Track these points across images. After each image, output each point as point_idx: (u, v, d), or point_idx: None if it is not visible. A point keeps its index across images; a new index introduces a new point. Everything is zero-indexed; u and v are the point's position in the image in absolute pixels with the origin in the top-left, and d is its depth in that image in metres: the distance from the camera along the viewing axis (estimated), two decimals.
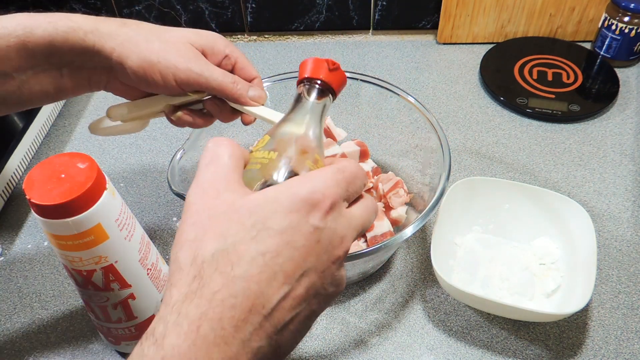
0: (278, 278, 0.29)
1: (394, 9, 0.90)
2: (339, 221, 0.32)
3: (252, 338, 0.28)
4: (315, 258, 0.30)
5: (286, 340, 0.30)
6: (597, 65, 0.84)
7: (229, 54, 0.49)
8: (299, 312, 0.30)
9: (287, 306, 0.29)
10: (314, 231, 0.30)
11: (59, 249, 0.48)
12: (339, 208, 0.32)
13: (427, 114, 0.60)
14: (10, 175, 0.68)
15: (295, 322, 0.30)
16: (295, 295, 0.30)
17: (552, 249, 0.59)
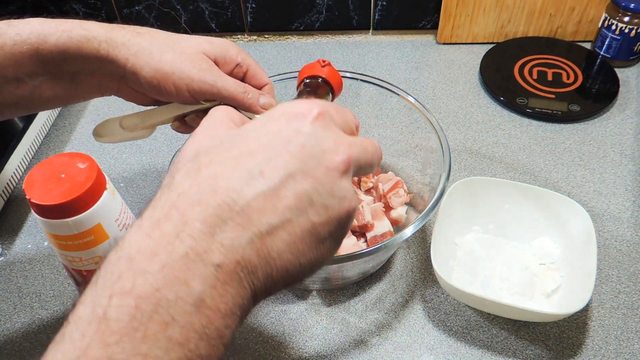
0: (254, 177, 0.28)
1: (394, 9, 0.90)
2: (329, 131, 0.30)
3: (224, 234, 0.26)
4: (301, 161, 0.29)
5: (278, 249, 0.28)
6: (597, 65, 0.84)
7: (240, 62, 0.49)
8: (291, 219, 0.28)
9: (270, 206, 0.27)
10: (298, 134, 0.29)
11: (59, 249, 0.48)
12: (328, 120, 0.31)
13: (427, 114, 0.60)
14: (10, 175, 0.68)
15: (290, 231, 0.28)
16: (280, 196, 0.28)
17: (552, 249, 0.59)
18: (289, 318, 0.57)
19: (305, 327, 0.56)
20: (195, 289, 0.25)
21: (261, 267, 0.27)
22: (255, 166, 0.28)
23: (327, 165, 0.29)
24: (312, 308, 0.57)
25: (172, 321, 0.24)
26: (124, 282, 0.25)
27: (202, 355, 0.25)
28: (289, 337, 0.55)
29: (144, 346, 0.24)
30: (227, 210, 0.27)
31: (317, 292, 0.59)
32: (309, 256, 0.29)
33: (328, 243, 0.30)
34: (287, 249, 0.28)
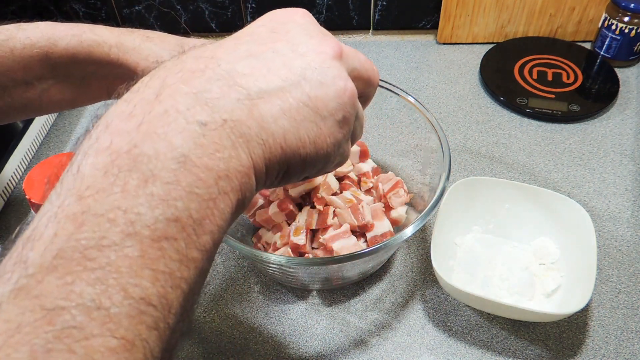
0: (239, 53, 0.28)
1: (394, 9, 0.90)
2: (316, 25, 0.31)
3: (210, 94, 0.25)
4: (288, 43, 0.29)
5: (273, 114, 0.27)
6: (597, 65, 0.84)
7: None
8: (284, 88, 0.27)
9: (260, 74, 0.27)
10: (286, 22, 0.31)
11: None
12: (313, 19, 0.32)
13: (427, 114, 0.60)
14: (10, 175, 0.68)
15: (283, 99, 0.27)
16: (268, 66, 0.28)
17: (552, 249, 0.59)
18: (289, 318, 0.57)
19: (305, 327, 0.56)
20: (176, 145, 0.24)
21: (255, 132, 0.26)
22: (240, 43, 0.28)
23: (317, 50, 0.29)
24: (312, 308, 0.57)
25: (153, 177, 0.23)
26: (101, 142, 0.24)
27: (192, 216, 0.23)
28: (289, 337, 0.55)
29: (124, 202, 0.22)
30: (210, 73, 0.26)
31: (317, 292, 0.59)
32: (310, 129, 0.28)
33: (329, 122, 0.29)
34: (283, 115, 0.27)
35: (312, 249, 0.57)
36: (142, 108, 0.24)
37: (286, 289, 0.59)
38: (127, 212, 0.22)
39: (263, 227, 0.60)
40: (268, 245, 0.58)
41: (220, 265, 0.61)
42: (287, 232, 0.56)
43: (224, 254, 0.63)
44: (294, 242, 0.54)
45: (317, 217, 0.56)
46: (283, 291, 0.59)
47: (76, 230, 0.21)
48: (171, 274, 0.22)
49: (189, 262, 0.23)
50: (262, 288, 0.59)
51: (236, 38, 0.30)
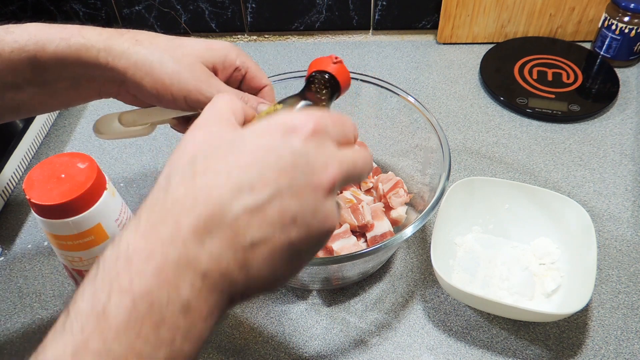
0: (243, 191, 0.29)
1: (394, 9, 0.90)
2: (321, 149, 0.31)
3: (212, 244, 0.28)
4: (289, 179, 0.30)
5: (258, 263, 0.29)
6: (597, 65, 0.84)
7: (239, 66, 0.48)
8: (273, 236, 0.29)
9: (256, 222, 0.29)
10: (290, 152, 0.30)
11: (59, 249, 0.48)
12: (322, 137, 0.31)
13: (427, 114, 0.60)
14: (10, 175, 0.68)
15: (270, 247, 0.29)
16: (265, 213, 0.29)
17: (552, 249, 0.59)
18: (289, 318, 0.57)
19: (305, 327, 0.56)
20: (183, 293, 0.27)
21: (240, 279, 0.29)
22: (247, 180, 0.29)
23: (314, 185, 0.30)
24: (312, 308, 0.57)
25: (162, 322, 0.26)
26: (122, 280, 0.27)
27: (184, 352, 0.27)
28: (289, 337, 0.55)
29: (138, 343, 0.26)
30: (217, 221, 0.28)
31: (317, 292, 0.59)
32: (284, 270, 0.31)
33: (304, 257, 0.32)
34: (266, 265, 0.30)
35: None
36: (159, 251, 0.27)
37: (286, 289, 0.59)
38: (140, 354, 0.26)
39: None
40: None
41: None
42: None
43: None
44: None
45: None
46: (283, 291, 0.59)
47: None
48: None
49: None
50: None
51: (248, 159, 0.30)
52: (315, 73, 0.45)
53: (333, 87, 0.45)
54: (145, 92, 0.45)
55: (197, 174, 0.29)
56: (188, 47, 0.47)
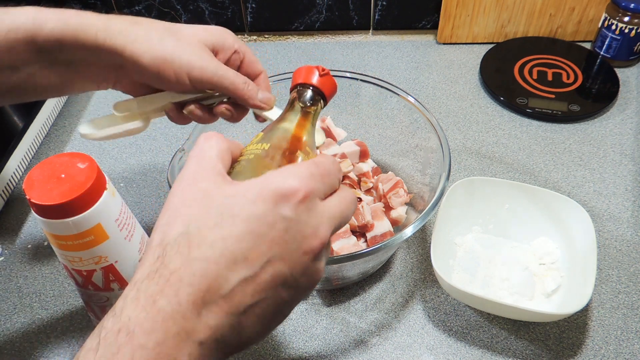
0: (238, 262, 0.30)
1: (394, 9, 0.90)
2: (312, 213, 0.32)
3: (210, 315, 0.29)
4: (282, 247, 0.31)
5: (251, 323, 0.31)
6: (597, 65, 0.84)
7: (237, 49, 0.49)
8: (265, 298, 0.31)
9: (250, 290, 0.30)
10: (282, 220, 0.31)
11: (59, 249, 0.48)
12: (311, 201, 0.32)
13: (427, 114, 0.60)
14: (10, 175, 0.68)
15: (262, 307, 0.31)
16: (259, 281, 0.30)
17: (552, 249, 0.59)
18: (289, 318, 0.57)
19: (305, 327, 0.56)
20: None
21: (234, 341, 0.31)
22: (241, 251, 0.30)
23: (304, 250, 0.31)
24: (312, 308, 0.57)
25: None
26: (123, 355, 0.28)
27: None
28: (289, 337, 0.55)
29: None
30: (214, 294, 0.29)
31: (317, 292, 0.59)
32: (273, 322, 0.33)
33: (292, 306, 0.34)
34: (258, 324, 0.31)
35: None
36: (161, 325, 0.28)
37: None
38: None
39: None
40: None
41: None
42: None
43: None
44: None
45: None
46: None
47: None
48: None
49: None
50: None
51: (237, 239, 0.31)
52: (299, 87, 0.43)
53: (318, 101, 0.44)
54: (144, 71, 0.45)
55: (192, 247, 0.30)
56: (187, 29, 0.47)
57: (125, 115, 0.49)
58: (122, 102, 0.50)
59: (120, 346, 0.28)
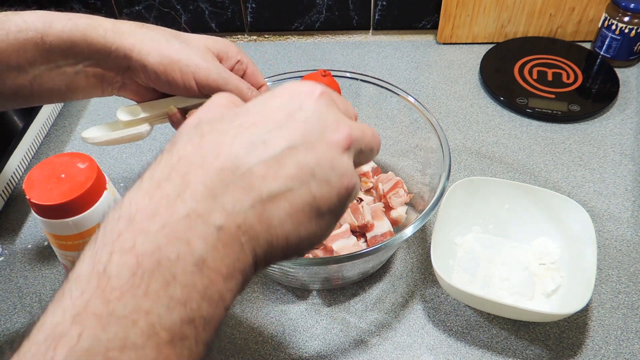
0: (256, 145, 0.28)
1: (394, 9, 0.90)
2: (331, 109, 0.31)
3: (226, 198, 0.26)
4: (302, 135, 0.29)
5: (279, 217, 0.28)
6: (597, 65, 0.84)
7: (241, 60, 0.50)
8: (292, 189, 0.28)
9: (272, 174, 0.28)
10: (300, 110, 0.30)
11: (59, 249, 0.48)
12: (330, 100, 0.31)
13: (427, 114, 0.60)
14: (10, 175, 0.68)
15: (290, 201, 0.28)
16: (282, 165, 0.28)
17: (552, 249, 0.59)
18: (289, 318, 0.57)
19: (305, 327, 0.56)
20: (196, 249, 0.25)
21: (262, 234, 0.27)
22: (258, 135, 0.28)
23: (329, 141, 0.30)
24: (312, 308, 0.57)
25: (174, 280, 0.24)
26: (124, 240, 0.25)
27: (203, 316, 0.25)
28: (289, 337, 0.55)
29: (146, 303, 0.24)
30: (229, 174, 0.27)
31: (317, 292, 0.59)
32: (308, 228, 0.29)
33: (327, 218, 0.30)
34: (288, 219, 0.28)
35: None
36: (165, 207, 0.26)
37: (286, 289, 0.59)
38: (148, 314, 0.23)
39: None
40: None
41: None
42: None
43: None
44: None
45: None
46: (283, 291, 0.59)
47: (101, 332, 0.23)
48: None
49: (196, 356, 0.25)
50: (262, 288, 0.59)
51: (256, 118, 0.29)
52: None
53: None
54: (151, 72, 0.45)
55: (204, 134, 0.28)
56: (193, 36, 0.48)
57: (128, 121, 0.49)
58: (127, 107, 0.50)
59: (120, 232, 0.25)
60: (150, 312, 0.23)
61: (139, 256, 0.24)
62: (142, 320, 0.23)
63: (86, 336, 0.22)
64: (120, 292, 0.23)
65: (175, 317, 0.24)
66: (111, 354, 0.22)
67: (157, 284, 0.24)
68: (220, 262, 0.26)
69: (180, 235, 0.25)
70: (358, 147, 0.32)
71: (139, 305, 0.23)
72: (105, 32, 0.44)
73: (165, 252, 0.24)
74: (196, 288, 0.25)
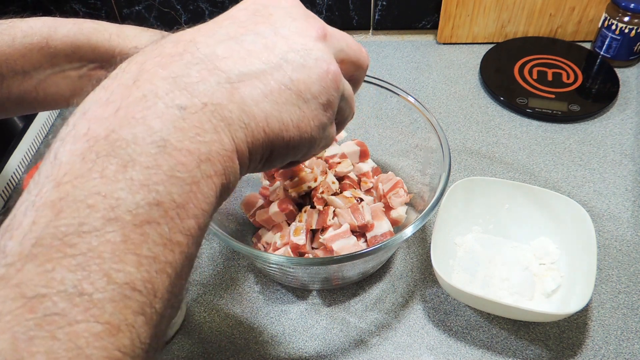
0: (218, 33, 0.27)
1: (394, 9, 0.90)
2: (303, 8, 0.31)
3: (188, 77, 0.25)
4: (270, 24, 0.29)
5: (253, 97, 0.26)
6: (597, 65, 0.84)
7: None
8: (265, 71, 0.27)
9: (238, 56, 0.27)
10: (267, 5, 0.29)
11: None
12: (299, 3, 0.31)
13: (427, 114, 0.60)
14: (10, 175, 0.68)
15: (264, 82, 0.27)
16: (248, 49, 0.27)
17: (552, 249, 0.59)
18: (289, 318, 0.57)
19: (305, 327, 0.56)
20: (155, 128, 0.23)
21: (237, 115, 0.26)
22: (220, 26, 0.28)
23: (299, 31, 0.29)
24: (312, 308, 0.57)
25: (132, 161, 0.23)
26: (78, 129, 0.24)
27: (174, 200, 0.23)
28: (289, 337, 0.55)
29: (103, 187, 0.22)
30: (189, 57, 0.26)
31: (317, 292, 0.59)
32: (291, 112, 0.28)
33: (313, 105, 0.29)
34: (264, 98, 0.27)
35: (312, 249, 0.57)
36: (119, 94, 0.24)
37: (286, 289, 0.59)
38: (107, 197, 0.22)
39: (263, 227, 0.60)
40: (268, 245, 0.58)
41: (221, 265, 0.61)
42: (287, 232, 0.56)
43: (224, 254, 0.63)
44: (294, 242, 0.54)
45: (317, 217, 0.56)
46: (283, 291, 0.59)
47: (55, 217, 0.21)
48: (155, 259, 0.22)
49: (174, 246, 0.23)
50: (262, 288, 0.59)
51: (216, 22, 0.29)
52: None
53: None
54: None
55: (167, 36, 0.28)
56: None
57: None
58: None
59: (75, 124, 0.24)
60: (109, 196, 0.22)
61: (90, 140, 0.23)
62: (100, 204, 0.22)
63: (40, 223, 0.21)
64: (74, 176, 0.22)
65: (139, 200, 0.22)
66: (69, 239, 0.21)
67: (113, 167, 0.22)
68: (189, 143, 0.24)
69: (136, 116, 0.23)
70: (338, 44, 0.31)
71: (94, 189, 0.22)
72: (109, 35, 0.44)
73: (120, 134, 0.23)
74: (161, 169, 0.23)
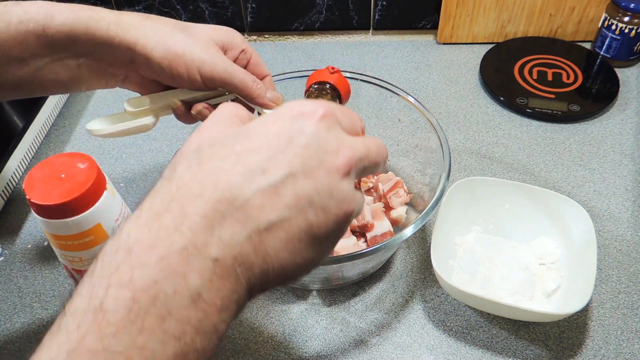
0: (255, 173, 0.28)
1: (394, 9, 0.90)
2: (332, 132, 0.30)
3: (223, 229, 0.26)
4: (301, 161, 0.28)
5: (275, 247, 0.28)
6: (597, 65, 0.84)
7: (245, 49, 0.49)
8: (289, 217, 0.28)
9: (270, 204, 0.27)
10: (300, 134, 0.29)
11: (59, 249, 0.48)
12: (332, 121, 0.30)
13: (427, 114, 0.60)
14: (10, 175, 0.68)
15: (287, 230, 0.28)
16: (279, 194, 0.28)
17: (552, 249, 0.59)
18: (289, 318, 0.57)
19: (305, 327, 0.56)
20: (192, 283, 0.25)
21: (258, 264, 0.27)
22: (257, 163, 0.28)
23: (328, 167, 0.29)
24: (312, 308, 0.57)
25: (169, 315, 0.24)
26: (122, 273, 0.25)
27: (197, 349, 0.25)
28: (289, 337, 0.55)
29: (141, 339, 0.24)
30: (226, 205, 0.27)
31: (317, 292, 0.59)
32: (305, 256, 0.29)
33: (324, 244, 0.30)
34: (284, 248, 0.28)
35: None
36: (163, 240, 0.26)
37: (286, 289, 0.59)
38: (143, 350, 0.24)
39: None
40: None
41: None
42: None
43: None
44: None
45: None
46: (283, 291, 0.59)
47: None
48: None
49: None
50: None
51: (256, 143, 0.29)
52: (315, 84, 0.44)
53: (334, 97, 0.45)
54: (156, 66, 0.44)
55: (203, 161, 0.28)
56: (197, 26, 0.47)
57: (135, 112, 0.48)
58: (135, 98, 0.49)
59: (118, 265, 0.25)
60: (145, 348, 0.24)
61: (135, 291, 0.24)
62: (137, 357, 0.23)
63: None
64: (116, 327, 0.24)
65: (169, 352, 0.24)
66: None
67: (152, 320, 0.24)
68: (216, 295, 0.26)
69: (177, 269, 0.25)
70: (360, 166, 0.32)
71: (133, 341, 0.24)
72: (108, 25, 0.44)
73: (161, 286, 0.25)
74: (190, 322, 0.25)
